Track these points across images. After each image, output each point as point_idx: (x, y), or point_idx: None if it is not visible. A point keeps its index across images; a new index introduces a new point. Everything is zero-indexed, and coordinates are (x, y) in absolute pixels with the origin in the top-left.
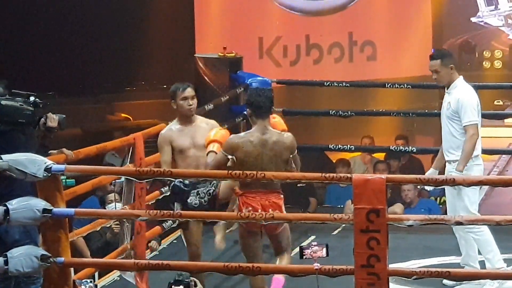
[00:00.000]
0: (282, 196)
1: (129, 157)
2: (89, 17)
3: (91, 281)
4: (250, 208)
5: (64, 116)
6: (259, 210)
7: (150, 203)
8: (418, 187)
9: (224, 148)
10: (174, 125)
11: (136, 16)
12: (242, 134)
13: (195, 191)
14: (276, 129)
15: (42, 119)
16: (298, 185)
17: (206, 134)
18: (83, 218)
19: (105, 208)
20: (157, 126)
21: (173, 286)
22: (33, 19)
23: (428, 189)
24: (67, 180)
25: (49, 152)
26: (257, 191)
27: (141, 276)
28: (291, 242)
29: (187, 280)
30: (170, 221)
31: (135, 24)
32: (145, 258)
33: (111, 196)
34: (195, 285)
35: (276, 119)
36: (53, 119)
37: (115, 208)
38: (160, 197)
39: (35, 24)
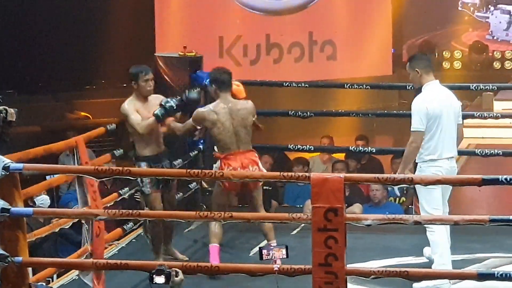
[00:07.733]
0: (257, 155)
1: (76, 159)
2: (49, 14)
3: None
4: (231, 168)
5: (16, 109)
6: (239, 168)
7: (109, 205)
8: (389, 187)
9: (193, 118)
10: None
11: (96, 14)
12: (208, 105)
13: None
14: (238, 96)
15: (2, 114)
16: (264, 187)
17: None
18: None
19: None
20: (97, 130)
21: (154, 276)
22: None
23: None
24: None
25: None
26: (235, 152)
27: (98, 278)
28: (248, 241)
29: (168, 270)
30: (131, 223)
31: (95, 22)
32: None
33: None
34: (176, 275)
35: (240, 86)
36: (13, 114)
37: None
38: None
39: None
